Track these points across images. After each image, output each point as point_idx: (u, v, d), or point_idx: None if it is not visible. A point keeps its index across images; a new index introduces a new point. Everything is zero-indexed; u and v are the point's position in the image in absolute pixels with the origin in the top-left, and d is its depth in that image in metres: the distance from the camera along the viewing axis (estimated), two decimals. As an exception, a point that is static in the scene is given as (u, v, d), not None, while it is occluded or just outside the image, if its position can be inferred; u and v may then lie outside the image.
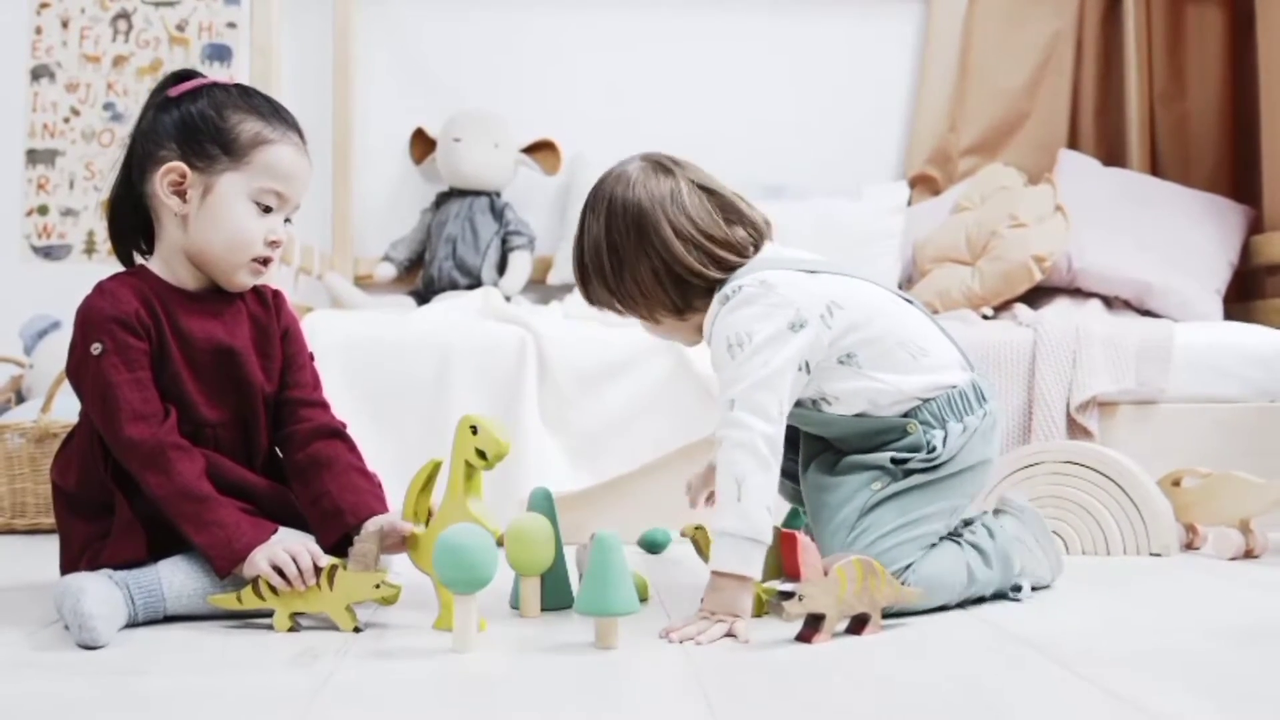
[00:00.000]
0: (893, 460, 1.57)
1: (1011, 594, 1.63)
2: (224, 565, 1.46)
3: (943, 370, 1.60)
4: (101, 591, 1.40)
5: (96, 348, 1.50)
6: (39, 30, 3.16)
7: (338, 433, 1.65)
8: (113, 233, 1.64)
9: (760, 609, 1.52)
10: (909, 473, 1.56)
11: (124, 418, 1.48)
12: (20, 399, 2.75)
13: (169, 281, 1.58)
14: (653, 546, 2.14)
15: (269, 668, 1.26)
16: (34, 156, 3.15)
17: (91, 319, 1.52)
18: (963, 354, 1.67)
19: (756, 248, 1.61)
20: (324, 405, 1.69)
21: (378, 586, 1.43)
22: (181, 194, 1.54)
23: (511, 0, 3.39)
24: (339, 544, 1.54)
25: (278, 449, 1.66)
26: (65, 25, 3.17)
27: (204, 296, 1.60)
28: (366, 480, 1.61)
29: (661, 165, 1.61)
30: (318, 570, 1.45)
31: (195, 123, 1.54)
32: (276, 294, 1.69)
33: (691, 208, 1.58)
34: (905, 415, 1.59)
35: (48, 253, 3.15)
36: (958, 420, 1.59)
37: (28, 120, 3.16)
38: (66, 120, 3.16)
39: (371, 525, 1.52)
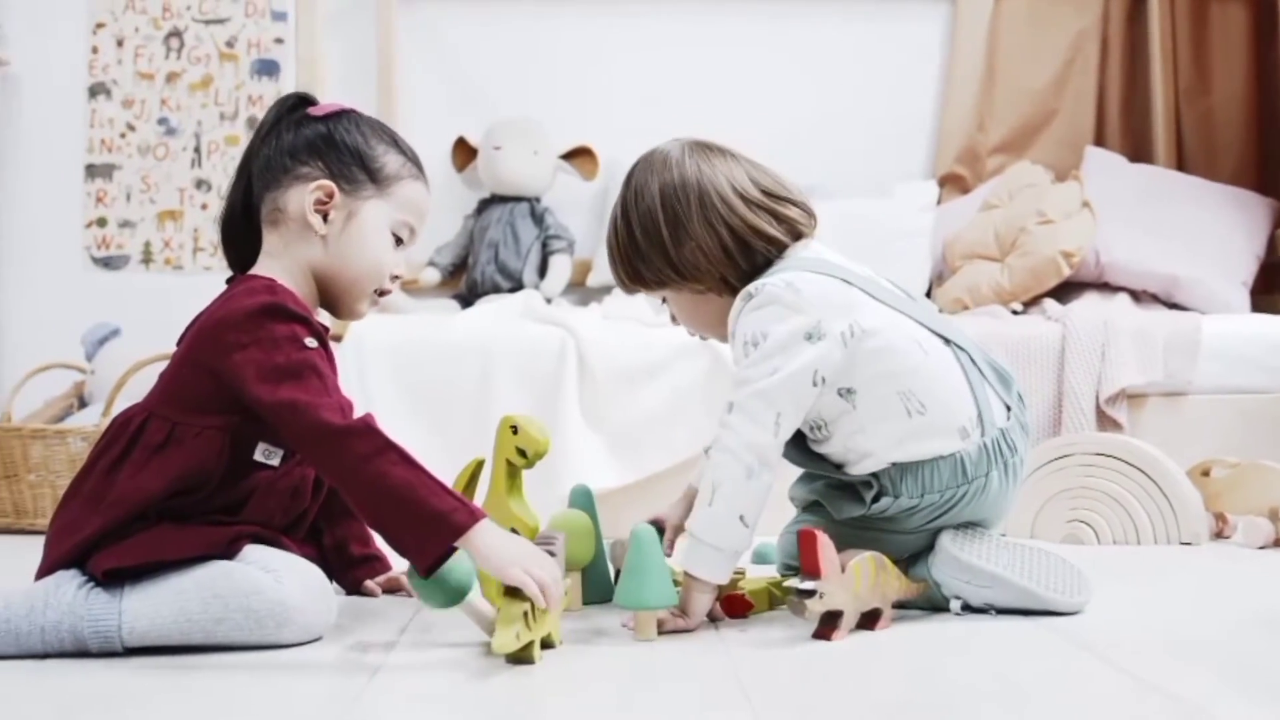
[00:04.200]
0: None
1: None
2: (431, 554, 1.29)
3: (935, 435, 1.48)
4: (79, 609, 1.31)
5: (311, 342, 1.39)
6: (95, 49, 3.23)
7: None
8: (226, 242, 1.55)
9: (767, 604, 1.55)
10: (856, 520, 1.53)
11: (334, 406, 1.34)
12: (83, 404, 2.83)
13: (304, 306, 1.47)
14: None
15: (319, 661, 1.28)
16: (93, 171, 3.23)
17: (290, 313, 1.40)
18: (983, 406, 1.50)
19: (796, 235, 1.56)
20: None
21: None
22: (324, 214, 1.47)
23: (548, 11, 3.44)
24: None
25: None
26: (120, 44, 3.23)
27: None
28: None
29: (702, 145, 1.58)
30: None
31: (344, 145, 1.49)
32: None
33: (750, 173, 1.56)
34: (871, 473, 1.50)
35: (107, 263, 3.23)
36: (917, 495, 1.48)
37: (86, 136, 3.23)
38: (123, 135, 3.23)
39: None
